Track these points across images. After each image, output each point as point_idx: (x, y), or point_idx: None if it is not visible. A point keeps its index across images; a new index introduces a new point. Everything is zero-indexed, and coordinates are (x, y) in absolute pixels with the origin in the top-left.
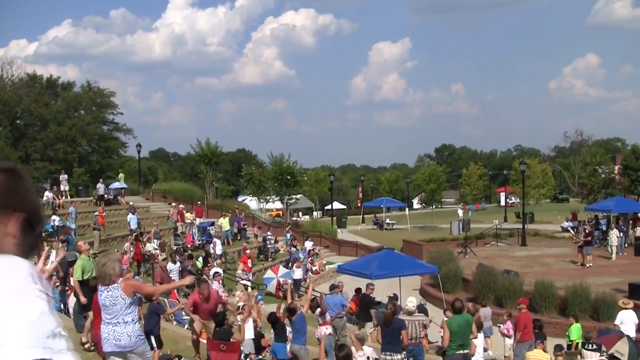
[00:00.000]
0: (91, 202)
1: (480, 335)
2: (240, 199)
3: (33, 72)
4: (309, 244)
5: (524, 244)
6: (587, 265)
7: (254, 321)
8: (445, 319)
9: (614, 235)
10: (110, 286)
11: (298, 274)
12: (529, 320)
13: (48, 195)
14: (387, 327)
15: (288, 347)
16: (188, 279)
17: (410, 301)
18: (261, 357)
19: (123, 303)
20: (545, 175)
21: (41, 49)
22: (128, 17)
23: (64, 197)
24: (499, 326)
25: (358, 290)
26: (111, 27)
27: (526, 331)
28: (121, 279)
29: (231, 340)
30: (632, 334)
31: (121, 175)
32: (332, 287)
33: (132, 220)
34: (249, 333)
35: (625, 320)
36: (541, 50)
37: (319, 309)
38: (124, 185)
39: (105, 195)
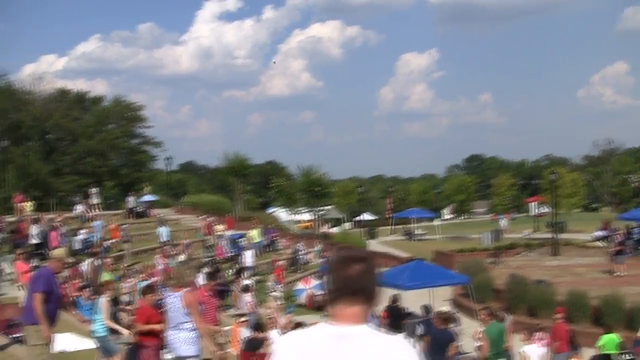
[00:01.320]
0: (121, 215)
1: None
2: (270, 210)
3: (62, 87)
4: None
5: (555, 254)
6: (620, 274)
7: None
8: (480, 328)
9: None
10: (175, 293)
11: None
12: (565, 331)
13: (79, 208)
14: (437, 338)
15: None
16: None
17: (443, 309)
18: None
19: (181, 310)
20: (575, 185)
21: (70, 63)
22: (155, 31)
23: (95, 211)
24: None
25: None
26: (139, 41)
27: (562, 342)
28: (187, 288)
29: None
30: None
31: (148, 188)
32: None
33: (162, 232)
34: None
35: None
36: (569, 58)
37: None
38: (154, 198)
39: (135, 208)
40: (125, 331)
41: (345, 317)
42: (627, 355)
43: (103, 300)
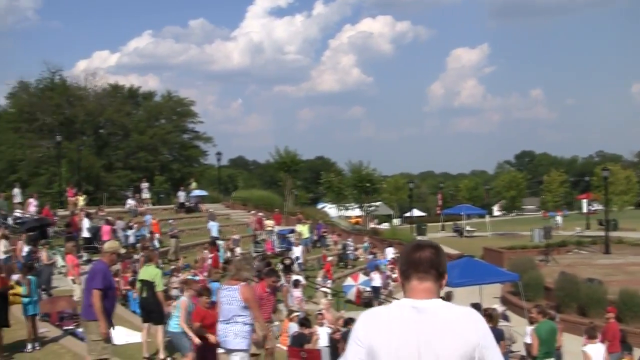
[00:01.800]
0: (172, 210)
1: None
2: (319, 206)
3: (115, 83)
4: (390, 251)
5: (607, 252)
6: None
7: (330, 329)
8: (529, 327)
9: None
10: (232, 286)
11: (377, 281)
12: (617, 331)
13: (130, 203)
14: None
15: None
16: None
17: (495, 308)
18: None
19: (237, 304)
20: (628, 182)
21: (123, 59)
22: (207, 27)
23: (145, 205)
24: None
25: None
26: (190, 37)
27: (614, 342)
28: (243, 283)
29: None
30: None
31: (194, 183)
32: None
33: (212, 227)
34: (324, 340)
35: None
36: (623, 53)
37: None
38: (204, 193)
39: (186, 203)
40: (195, 339)
41: (419, 292)
42: None
43: (184, 299)
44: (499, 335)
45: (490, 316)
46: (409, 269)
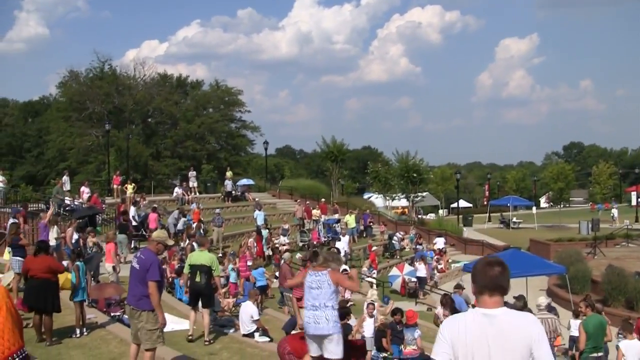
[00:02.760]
0: (219, 199)
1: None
2: (365, 196)
3: (164, 72)
4: (440, 241)
5: None
6: None
7: (376, 320)
8: (574, 320)
9: None
10: (320, 272)
11: (422, 272)
12: None
13: (178, 191)
14: None
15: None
16: None
17: (539, 300)
18: (384, 355)
19: (328, 288)
20: None
21: (171, 49)
22: (255, 17)
23: (193, 194)
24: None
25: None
26: (238, 26)
27: None
28: (329, 269)
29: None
30: None
31: (229, 173)
32: (457, 287)
33: (258, 216)
34: (369, 331)
35: None
36: None
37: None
38: (251, 182)
39: (233, 192)
40: None
41: (490, 303)
42: None
43: None
44: None
45: (524, 305)
46: (481, 286)
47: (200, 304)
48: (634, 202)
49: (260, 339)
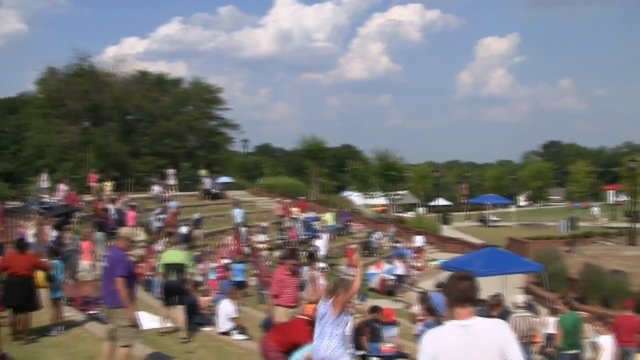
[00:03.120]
0: (197, 197)
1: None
2: (344, 194)
3: (143, 69)
4: (419, 239)
5: (633, 244)
6: None
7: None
8: (550, 318)
9: None
10: (327, 300)
11: (401, 270)
12: (632, 324)
13: (156, 189)
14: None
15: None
16: None
17: (517, 298)
18: (362, 353)
19: (329, 318)
20: None
21: (151, 46)
22: (235, 14)
23: (171, 191)
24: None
25: None
26: (219, 23)
27: (630, 335)
28: (335, 297)
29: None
30: None
31: (203, 171)
32: (439, 285)
33: (237, 214)
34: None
35: None
36: None
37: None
38: (230, 180)
39: (212, 190)
40: None
41: (464, 315)
42: None
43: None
44: (505, 318)
45: (498, 303)
46: (454, 300)
47: (175, 301)
48: (610, 201)
49: (237, 337)
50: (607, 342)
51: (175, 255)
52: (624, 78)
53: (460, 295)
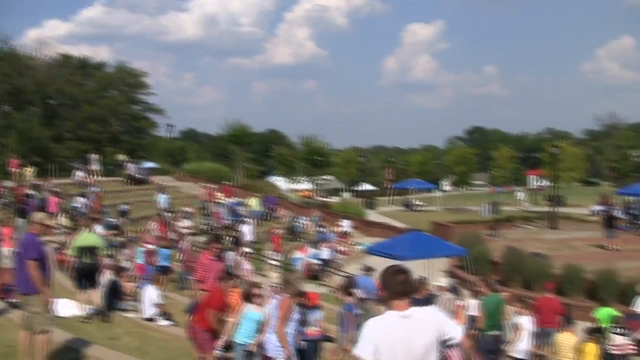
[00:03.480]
0: (121, 182)
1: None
2: (270, 179)
3: (66, 53)
4: (346, 223)
5: (554, 227)
6: (618, 248)
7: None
8: (472, 300)
9: None
10: (278, 296)
11: (326, 254)
12: (555, 305)
13: (79, 174)
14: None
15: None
16: None
17: (441, 281)
18: None
19: (274, 314)
20: (576, 159)
21: (74, 29)
22: None
23: (95, 177)
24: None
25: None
26: (144, 7)
27: (550, 317)
28: (286, 295)
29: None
30: None
31: (122, 156)
32: (368, 269)
33: (161, 199)
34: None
35: None
36: (574, 31)
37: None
38: (154, 165)
39: (136, 175)
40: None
41: (402, 306)
42: (619, 329)
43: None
44: (428, 301)
45: (423, 286)
46: (393, 293)
47: (87, 284)
48: (532, 186)
49: (163, 323)
50: (527, 323)
51: (89, 237)
52: (546, 65)
53: (397, 288)
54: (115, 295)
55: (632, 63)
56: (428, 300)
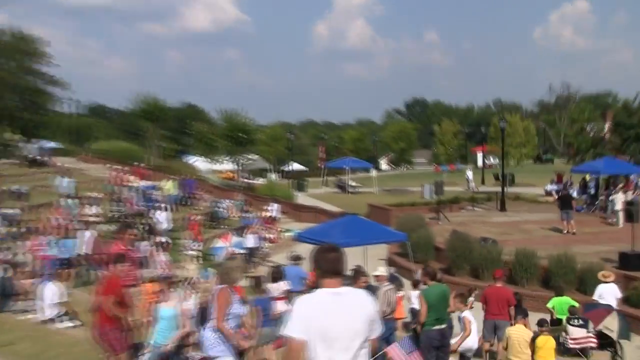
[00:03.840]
0: (20, 164)
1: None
2: (187, 159)
3: None
4: (275, 207)
5: (503, 209)
6: (571, 232)
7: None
8: (413, 291)
9: (619, 200)
10: (217, 287)
11: (251, 242)
12: (506, 295)
13: None
14: None
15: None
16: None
17: (380, 270)
18: None
19: (212, 308)
20: (527, 134)
21: None
22: None
23: None
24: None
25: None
26: None
27: (500, 308)
28: (222, 286)
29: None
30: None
31: (8, 134)
32: (297, 258)
33: (63, 184)
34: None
35: (605, 294)
36: None
37: (282, 283)
38: (57, 145)
39: (35, 157)
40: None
41: (334, 284)
42: (577, 321)
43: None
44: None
45: (360, 276)
46: (324, 271)
47: None
48: (479, 164)
49: (66, 325)
50: (469, 316)
51: None
52: (494, 31)
53: (328, 266)
54: (5, 295)
55: (586, 29)
56: (367, 290)
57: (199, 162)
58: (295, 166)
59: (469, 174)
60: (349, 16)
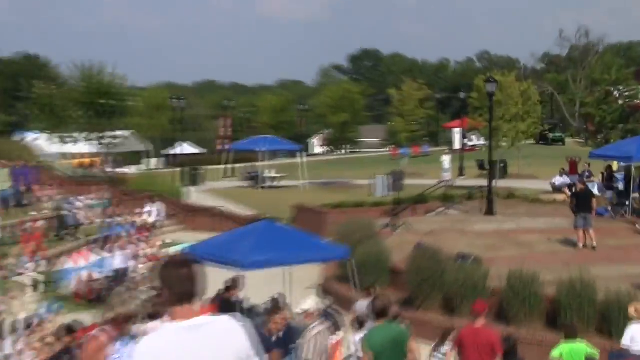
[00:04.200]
0: None
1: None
2: (23, 137)
3: None
4: (155, 209)
5: (490, 212)
6: (582, 245)
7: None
8: (355, 334)
9: None
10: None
11: (119, 261)
12: (482, 340)
13: None
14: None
15: None
16: None
17: (308, 304)
18: None
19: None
20: (527, 102)
21: None
22: None
23: None
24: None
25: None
26: None
27: (474, 357)
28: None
29: None
30: None
31: None
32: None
33: None
34: None
35: (639, 337)
36: None
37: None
38: None
39: None
40: None
41: (185, 314)
42: None
43: None
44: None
45: (279, 311)
46: (174, 294)
47: None
48: (456, 145)
49: None
50: None
51: None
52: None
53: (178, 287)
54: None
55: None
56: (287, 333)
57: (41, 141)
58: (187, 148)
59: (446, 160)
60: None
